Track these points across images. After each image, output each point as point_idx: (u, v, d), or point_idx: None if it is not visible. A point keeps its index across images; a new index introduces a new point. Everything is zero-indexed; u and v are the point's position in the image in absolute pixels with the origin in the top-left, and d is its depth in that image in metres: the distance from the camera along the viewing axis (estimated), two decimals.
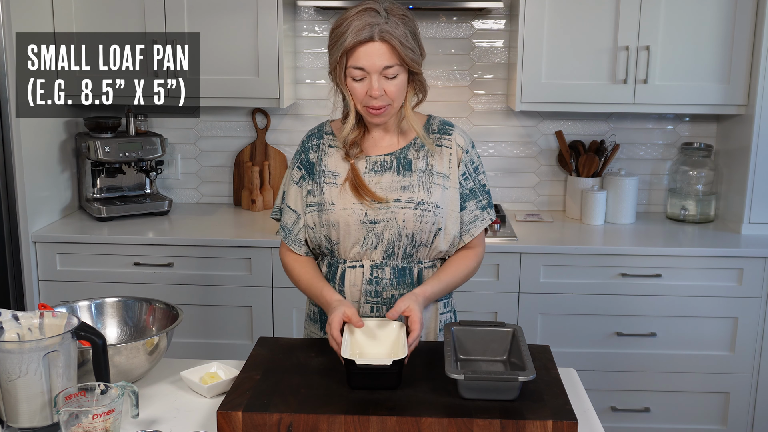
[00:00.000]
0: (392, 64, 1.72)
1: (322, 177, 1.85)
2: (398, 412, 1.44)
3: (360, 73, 1.73)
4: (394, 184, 1.82)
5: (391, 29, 1.71)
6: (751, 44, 2.98)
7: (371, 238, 1.82)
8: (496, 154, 3.45)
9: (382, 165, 1.84)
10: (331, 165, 1.85)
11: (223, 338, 3.02)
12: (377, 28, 1.70)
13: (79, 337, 1.51)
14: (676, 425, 3.04)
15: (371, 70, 1.72)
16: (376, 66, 1.71)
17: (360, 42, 1.70)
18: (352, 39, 1.70)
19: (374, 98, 1.74)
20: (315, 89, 3.43)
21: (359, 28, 1.70)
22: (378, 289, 1.83)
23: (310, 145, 1.90)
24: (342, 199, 1.82)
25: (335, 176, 1.84)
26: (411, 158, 1.84)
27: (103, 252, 2.97)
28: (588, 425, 1.58)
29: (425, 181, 1.82)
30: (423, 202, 1.81)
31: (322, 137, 1.90)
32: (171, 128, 3.47)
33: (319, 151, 1.88)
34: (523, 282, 2.94)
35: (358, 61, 1.72)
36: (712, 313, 2.93)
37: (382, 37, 1.70)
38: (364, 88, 1.74)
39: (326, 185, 1.84)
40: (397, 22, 1.72)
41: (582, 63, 3.04)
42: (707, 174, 3.29)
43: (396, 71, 1.74)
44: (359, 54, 1.71)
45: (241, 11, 3.04)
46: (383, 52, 1.71)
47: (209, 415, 1.60)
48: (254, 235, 3.00)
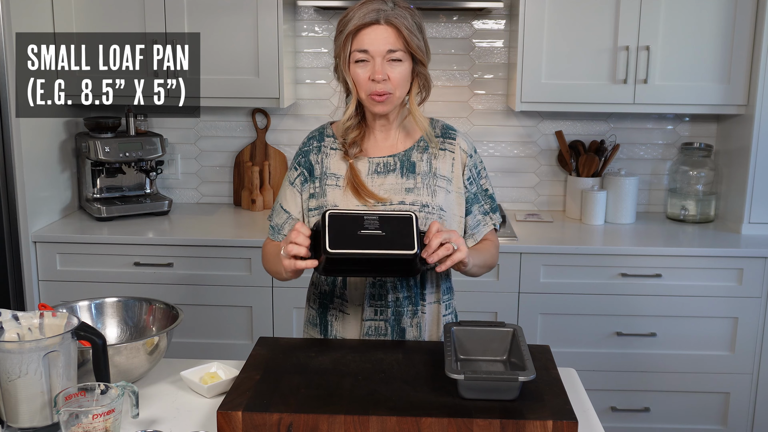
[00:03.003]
0: (396, 48, 1.72)
1: (324, 179, 1.83)
2: (398, 412, 1.43)
3: (364, 55, 1.72)
4: (398, 186, 1.81)
5: (398, 15, 1.72)
6: (751, 44, 2.98)
7: None
8: (496, 154, 3.45)
9: (386, 167, 1.82)
10: (333, 167, 1.84)
11: (223, 338, 3.02)
12: (383, 13, 1.71)
13: (79, 337, 1.51)
14: (676, 425, 3.04)
15: (375, 54, 1.71)
16: (381, 49, 1.71)
17: (365, 24, 1.70)
18: (357, 21, 1.70)
19: (377, 82, 1.72)
20: (315, 89, 3.43)
21: (365, 13, 1.71)
22: (382, 292, 1.83)
23: (310, 148, 1.88)
24: (345, 201, 1.80)
25: (337, 178, 1.82)
26: (414, 161, 1.83)
27: (103, 252, 2.97)
28: (588, 425, 1.58)
29: (429, 184, 1.82)
30: (427, 204, 1.80)
31: (323, 139, 1.88)
32: (171, 128, 3.47)
33: (320, 153, 1.86)
34: (523, 282, 2.94)
35: (362, 44, 1.71)
36: (712, 313, 2.93)
37: (387, 20, 1.71)
38: (368, 72, 1.73)
39: (328, 187, 1.82)
40: (404, 13, 1.74)
41: (582, 63, 3.04)
42: (707, 174, 3.29)
43: (400, 56, 1.73)
44: (363, 36, 1.71)
45: (241, 11, 3.04)
46: (388, 35, 1.71)
47: (209, 415, 1.60)
48: (254, 235, 3.00)
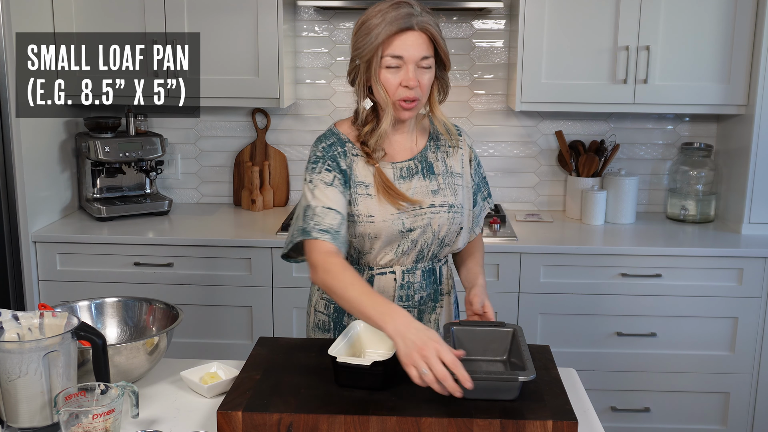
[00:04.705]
0: (429, 55, 1.71)
1: (354, 188, 1.78)
2: (398, 412, 1.44)
3: (396, 61, 1.70)
4: (424, 188, 1.81)
5: (429, 21, 1.71)
6: (751, 44, 2.98)
7: (405, 245, 1.80)
8: (496, 154, 3.45)
9: (408, 170, 1.82)
10: (360, 175, 1.79)
11: (223, 338, 3.02)
12: (416, 19, 1.69)
13: (79, 337, 1.51)
14: (676, 425, 3.04)
15: (409, 60, 1.69)
16: (415, 56, 1.69)
17: (400, 30, 1.68)
18: (392, 27, 1.67)
19: (410, 89, 1.71)
20: (315, 89, 3.43)
21: (397, 18, 1.68)
22: (410, 293, 1.84)
23: (336, 153, 1.79)
24: (382, 210, 1.77)
25: (366, 186, 1.78)
26: (431, 161, 1.85)
27: (103, 252, 2.97)
28: (588, 425, 1.58)
29: (450, 183, 1.84)
30: (453, 204, 1.83)
31: (344, 145, 1.80)
32: (171, 128, 3.47)
33: (347, 158, 1.79)
34: (523, 282, 2.94)
35: (395, 50, 1.69)
36: (712, 313, 2.93)
37: (421, 26, 1.69)
38: (398, 78, 1.71)
39: (360, 197, 1.77)
40: (431, 19, 1.73)
41: (582, 63, 3.04)
42: (707, 174, 3.29)
43: (430, 63, 1.73)
44: (397, 43, 1.69)
45: (241, 11, 3.04)
46: (422, 41, 1.70)
47: (209, 415, 1.60)
48: (254, 235, 3.00)
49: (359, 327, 1.69)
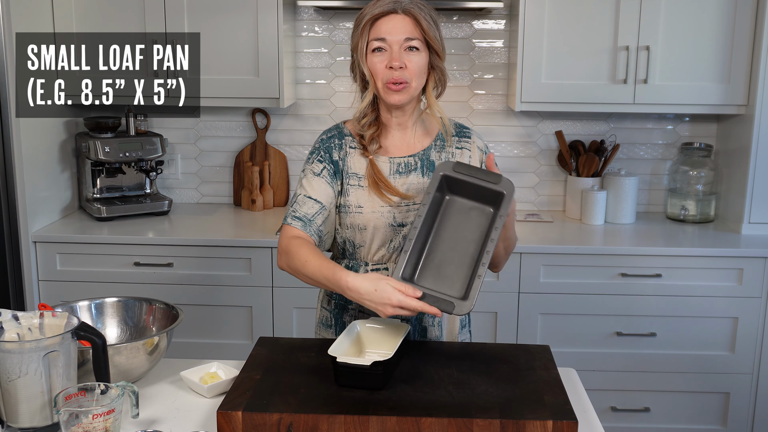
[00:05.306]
0: (414, 36, 1.73)
1: (346, 179, 1.82)
2: (398, 412, 1.44)
3: (381, 43, 1.73)
4: (419, 185, 1.82)
5: (415, 6, 1.74)
6: (751, 44, 2.98)
7: (398, 240, 1.81)
8: (496, 154, 3.45)
9: (407, 166, 1.83)
10: (354, 166, 1.83)
11: (223, 338, 3.02)
12: (400, 4, 1.73)
13: (79, 337, 1.51)
14: (676, 425, 3.04)
15: (393, 42, 1.73)
16: (398, 37, 1.72)
17: (383, 13, 1.73)
18: (375, 11, 1.73)
19: (394, 70, 1.73)
20: (315, 89, 3.43)
21: (382, 4, 1.74)
22: None
23: (331, 144, 1.84)
24: (371, 201, 1.80)
25: (359, 178, 1.82)
26: (434, 160, 1.85)
27: (103, 252, 2.97)
28: (588, 425, 1.58)
29: None
30: None
31: (343, 138, 1.86)
32: (171, 128, 3.47)
33: (341, 150, 1.84)
34: (523, 282, 2.94)
35: (379, 32, 1.73)
36: (712, 313, 2.93)
37: (405, 10, 1.73)
38: (384, 60, 1.74)
39: (351, 187, 1.81)
40: (420, 6, 1.75)
41: (582, 63, 3.04)
42: (707, 174, 3.29)
43: (417, 45, 1.74)
44: (381, 25, 1.73)
45: (241, 11, 3.04)
46: (406, 23, 1.73)
47: (209, 415, 1.60)
48: (254, 235, 3.00)
49: (359, 327, 1.69)
